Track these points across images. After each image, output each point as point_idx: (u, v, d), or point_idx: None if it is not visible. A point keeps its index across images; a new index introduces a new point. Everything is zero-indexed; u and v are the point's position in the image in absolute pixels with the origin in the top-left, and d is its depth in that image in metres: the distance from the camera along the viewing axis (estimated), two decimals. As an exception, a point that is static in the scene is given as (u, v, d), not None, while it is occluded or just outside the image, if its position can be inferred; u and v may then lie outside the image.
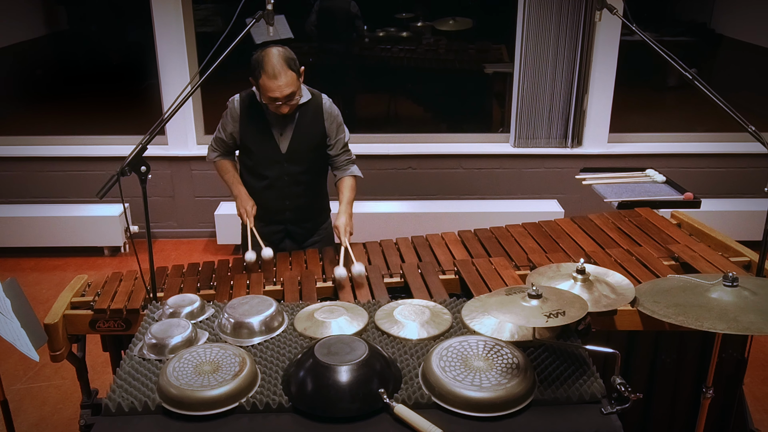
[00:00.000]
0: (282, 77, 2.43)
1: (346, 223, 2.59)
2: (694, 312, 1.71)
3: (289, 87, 2.45)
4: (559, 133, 4.75)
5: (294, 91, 2.48)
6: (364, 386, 1.65)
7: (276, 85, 2.43)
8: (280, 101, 2.48)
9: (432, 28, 5.58)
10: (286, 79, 2.43)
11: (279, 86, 2.44)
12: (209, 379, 1.69)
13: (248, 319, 1.98)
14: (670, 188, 3.14)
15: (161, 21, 4.53)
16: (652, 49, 2.32)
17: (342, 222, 2.59)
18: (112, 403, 1.68)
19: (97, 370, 3.28)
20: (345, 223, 2.59)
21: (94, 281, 2.46)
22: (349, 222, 2.61)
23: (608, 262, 2.43)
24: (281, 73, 2.42)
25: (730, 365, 2.30)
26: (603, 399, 1.69)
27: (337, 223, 2.60)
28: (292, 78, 2.45)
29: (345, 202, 2.67)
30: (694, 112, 5.62)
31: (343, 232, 2.56)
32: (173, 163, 4.84)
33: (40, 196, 4.90)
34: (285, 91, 2.45)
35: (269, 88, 2.45)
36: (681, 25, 6.12)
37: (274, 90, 2.44)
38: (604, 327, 2.14)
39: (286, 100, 2.48)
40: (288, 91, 2.46)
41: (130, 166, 2.08)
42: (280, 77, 2.42)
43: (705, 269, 2.34)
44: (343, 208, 2.66)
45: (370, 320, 2.05)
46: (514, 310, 1.71)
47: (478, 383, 1.65)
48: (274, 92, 2.45)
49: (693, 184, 3.95)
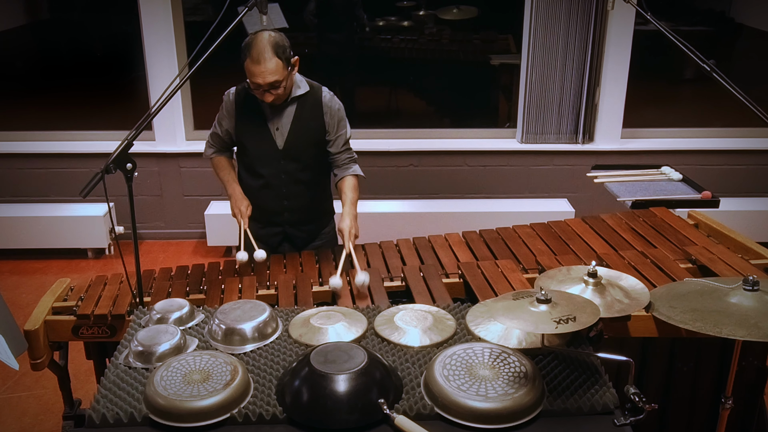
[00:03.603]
0: (265, 63, 2.43)
1: (350, 226, 2.57)
2: (712, 318, 1.71)
3: (273, 75, 2.45)
4: (570, 128, 4.75)
5: (279, 80, 2.48)
6: (363, 396, 1.65)
7: (258, 71, 2.44)
8: (263, 87, 2.49)
9: (435, 17, 5.58)
10: (269, 65, 2.44)
11: (261, 72, 2.44)
12: (199, 388, 1.69)
13: (240, 325, 1.98)
14: (687, 187, 3.14)
15: (148, 9, 4.53)
16: (668, 39, 2.32)
17: (347, 225, 2.57)
18: (96, 414, 1.68)
19: (80, 379, 3.28)
20: (350, 225, 2.57)
21: (77, 285, 2.46)
22: (354, 224, 2.59)
23: (621, 265, 2.43)
24: (265, 59, 2.43)
25: (750, 374, 2.30)
26: (616, 410, 1.69)
27: (341, 225, 2.58)
28: (277, 66, 2.45)
29: (348, 204, 2.66)
30: (712, 106, 5.61)
31: (347, 236, 2.54)
32: (161, 160, 4.85)
33: (20, 195, 4.90)
34: (267, 78, 2.46)
35: (252, 72, 2.47)
36: (698, 13, 6.11)
37: (257, 75, 2.46)
38: (617, 333, 2.14)
39: (268, 87, 2.49)
40: (271, 78, 2.46)
41: (115, 163, 2.08)
42: (264, 63, 2.43)
43: (724, 272, 2.34)
44: (347, 209, 2.64)
45: (370, 326, 2.05)
46: (522, 315, 1.71)
47: (484, 393, 1.65)
48: (256, 78, 2.46)
49: (711, 183, 3.95)
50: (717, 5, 6.02)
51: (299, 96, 2.65)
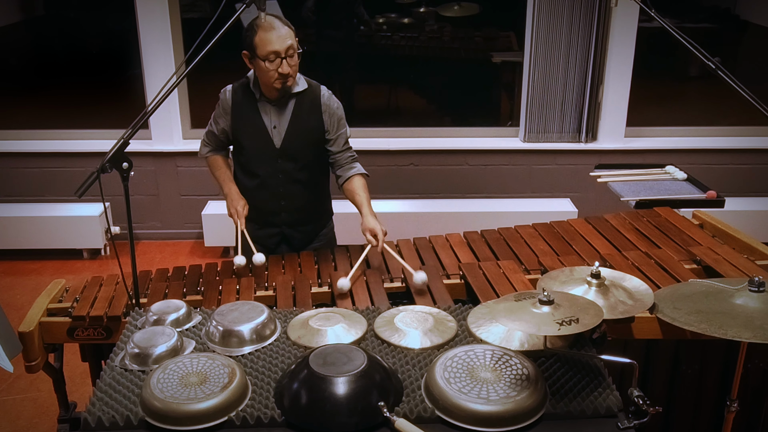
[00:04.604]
0: (279, 29, 2.48)
1: (378, 225, 2.50)
2: (717, 319, 1.71)
3: (288, 38, 2.49)
4: (573, 126, 4.75)
5: (293, 45, 2.50)
6: (363, 399, 1.65)
7: (276, 36, 2.46)
8: (281, 55, 2.48)
9: (436, 14, 5.58)
10: (283, 30, 2.48)
11: (279, 36, 2.46)
12: (196, 391, 1.69)
13: (238, 326, 1.98)
14: (692, 186, 3.14)
15: (144, 6, 4.53)
16: (673, 36, 2.32)
17: (375, 225, 2.49)
18: (92, 417, 1.68)
19: (75, 381, 3.28)
20: (377, 225, 2.50)
21: (73, 286, 2.46)
22: (378, 223, 2.51)
23: (625, 266, 2.43)
24: (278, 26, 2.48)
25: (756, 376, 2.30)
26: (619, 413, 1.69)
27: (368, 226, 2.50)
28: (289, 31, 2.51)
29: (366, 204, 2.60)
30: (717, 105, 5.61)
31: (380, 236, 2.47)
32: (157, 159, 4.85)
33: (15, 195, 4.90)
34: (285, 42, 2.47)
35: (267, 41, 2.46)
36: (703, 10, 6.11)
37: (273, 42, 2.46)
38: (621, 335, 2.14)
39: (285, 54, 2.49)
40: (288, 42, 2.48)
41: (111, 163, 2.08)
42: (278, 28, 2.47)
43: (729, 273, 2.34)
44: (366, 210, 2.58)
45: (369, 328, 2.05)
46: (524, 317, 1.71)
47: (486, 396, 1.65)
48: (274, 44, 2.46)
49: (716, 182, 3.95)
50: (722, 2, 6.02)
51: (297, 93, 2.64)
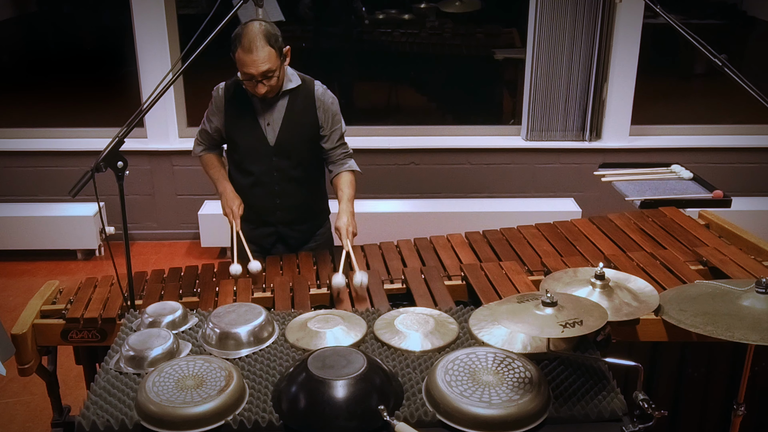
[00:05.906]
0: (257, 52, 2.43)
1: (348, 224, 2.56)
2: (724, 321, 1.71)
3: (266, 63, 2.45)
4: (576, 125, 4.75)
5: (271, 68, 2.48)
6: (363, 403, 1.65)
7: (251, 60, 2.44)
8: (256, 78, 2.48)
9: (437, 10, 5.58)
10: (262, 54, 2.44)
11: (254, 61, 2.44)
12: (192, 394, 1.69)
13: (235, 329, 1.98)
14: (698, 185, 3.14)
15: (140, 2, 4.53)
16: (678, 33, 2.32)
17: (344, 222, 2.56)
18: (86, 421, 1.68)
19: (69, 384, 3.28)
20: (347, 223, 2.56)
21: (67, 287, 2.46)
22: (351, 222, 2.58)
23: (630, 267, 2.43)
24: (257, 47, 2.43)
25: (763, 380, 2.30)
26: (624, 416, 1.69)
27: (338, 224, 2.57)
28: (269, 54, 2.45)
29: (345, 200, 2.65)
30: (723, 103, 5.61)
31: (345, 234, 2.53)
32: (153, 158, 4.85)
33: (7, 195, 4.90)
34: (261, 67, 2.45)
35: (244, 62, 2.46)
36: (710, 6, 6.12)
37: (249, 65, 2.45)
38: (626, 338, 2.14)
39: (261, 77, 2.48)
40: (264, 67, 2.46)
41: (105, 162, 2.08)
42: (256, 51, 2.43)
43: (736, 274, 2.34)
44: (343, 206, 2.63)
45: (369, 330, 2.05)
46: (527, 319, 1.71)
47: (488, 399, 1.65)
48: (249, 67, 2.46)
49: (723, 181, 3.95)
50: (729, -2, 6.02)
51: (291, 89, 2.64)
